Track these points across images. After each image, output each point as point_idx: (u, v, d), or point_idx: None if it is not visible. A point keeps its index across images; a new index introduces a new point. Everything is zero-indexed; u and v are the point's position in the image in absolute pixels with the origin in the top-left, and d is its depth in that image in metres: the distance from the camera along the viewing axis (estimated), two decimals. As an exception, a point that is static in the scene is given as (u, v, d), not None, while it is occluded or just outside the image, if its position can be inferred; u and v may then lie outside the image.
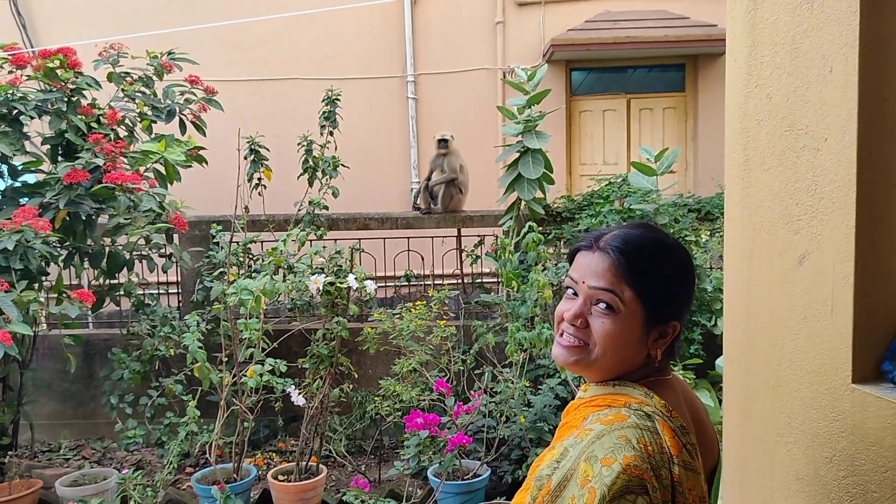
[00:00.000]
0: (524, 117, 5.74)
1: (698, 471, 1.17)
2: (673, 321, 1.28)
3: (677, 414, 1.22)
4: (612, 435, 1.13)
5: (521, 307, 4.90)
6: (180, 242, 5.66)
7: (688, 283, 1.31)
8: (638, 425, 1.15)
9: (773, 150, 1.73)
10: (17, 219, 4.07)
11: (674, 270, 1.29)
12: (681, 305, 1.30)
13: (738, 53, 1.89)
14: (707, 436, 1.35)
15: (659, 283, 1.26)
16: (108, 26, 7.86)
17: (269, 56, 8.97)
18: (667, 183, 5.88)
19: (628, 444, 1.12)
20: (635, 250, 1.26)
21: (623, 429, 1.14)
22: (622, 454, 1.10)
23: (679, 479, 1.13)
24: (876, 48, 1.42)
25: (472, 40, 9.21)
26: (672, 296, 1.28)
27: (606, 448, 1.12)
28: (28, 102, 4.65)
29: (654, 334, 1.27)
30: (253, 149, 5.54)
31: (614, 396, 1.26)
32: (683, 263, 1.30)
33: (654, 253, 1.27)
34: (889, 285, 1.48)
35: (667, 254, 1.29)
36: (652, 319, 1.26)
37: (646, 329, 1.26)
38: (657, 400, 1.22)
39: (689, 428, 1.24)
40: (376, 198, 8.39)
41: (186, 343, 4.48)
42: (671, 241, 1.31)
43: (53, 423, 5.85)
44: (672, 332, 1.29)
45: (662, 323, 1.27)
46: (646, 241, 1.28)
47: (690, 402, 1.36)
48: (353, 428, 5.45)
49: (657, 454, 1.13)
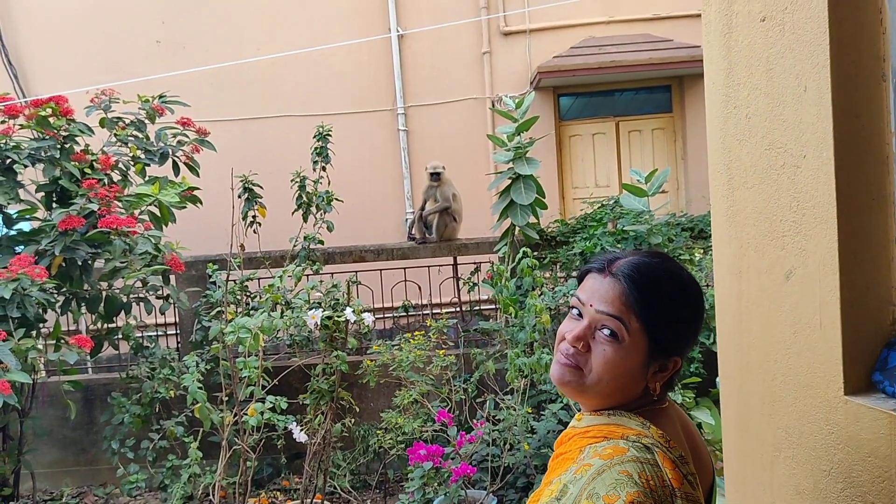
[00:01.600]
0: (514, 144, 5.80)
1: (699, 502, 1.15)
2: (675, 356, 1.25)
3: (676, 444, 1.20)
4: (612, 470, 1.10)
5: (520, 333, 4.90)
6: (177, 283, 5.67)
7: (696, 321, 1.28)
8: (638, 459, 1.12)
9: (754, 169, 1.77)
10: (13, 267, 4.08)
11: (684, 306, 1.25)
12: (685, 342, 1.27)
13: (716, 76, 1.94)
14: (702, 459, 1.34)
15: (667, 317, 1.22)
16: (99, 73, 7.95)
17: (259, 95, 9.06)
18: (658, 203, 5.92)
19: (630, 480, 1.08)
20: (648, 281, 1.22)
21: (623, 463, 1.11)
22: (625, 491, 1.07)
23: None
24: (847, 66, 1.46)
25: (460, 71, 9.32)
26: (677, 331, 1.25)
27: (608, 485, 1.08)
28: (21, 151, 4.70)
29: (654, 367, 1.24)
30: (246, 187, 5.58)
31: (610, 427, 1.23)
32: (695, 300, 1.27)
33: (667, 286, 1.24)
34: (875, 296, 1.50)
35: (679, 288, 1.25)
36: (654, 353, 1.23)
37: (646, 362, 1.23)
38: (654, 430, 1.19)
39: (688, 457, 1.21)
40: (371, 230, 8.42)
41: (186, 384, 4.48)
42: (686, 276, 1.27)
43: (55, 471, 5.80)
44: (672, 367, 1.26)
45: (664, 357, 1.24)
46: (660, 273, 1.24)
47: (686, 426, 1.34)
48: (356, 462, 5.41)
49: (659, 488, 1.10)
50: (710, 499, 1.35)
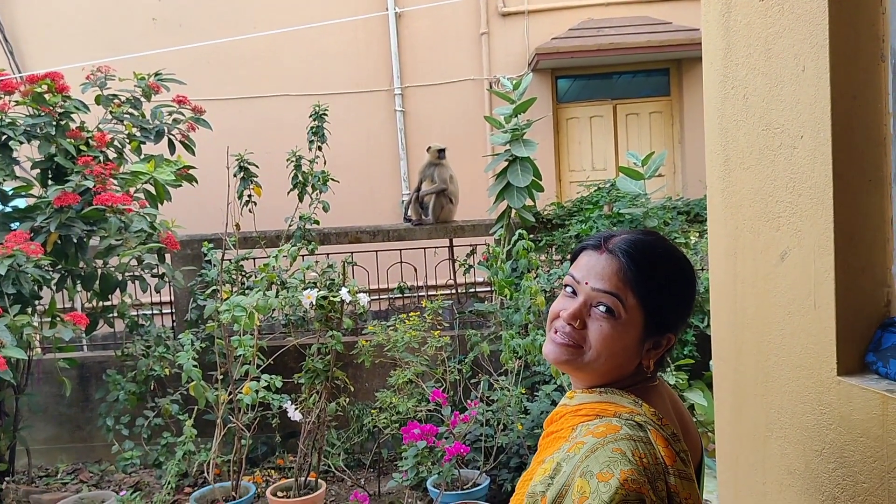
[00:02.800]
0: (511, 126, 5.78)
1: (692, 478, 1.15)
2: (670, 333, 1.27)
3: (668, 421, 1.20)
4: (606, 448, 1.11)
5: (515, 315, 4.92)
6: (172, 262, 5.66)
7: (690, 298, 1.29)
8: (631, 437, 1.13)
9: (751, 150, 1.76)
10: (8, 243, 4.07)
11: (680, 283, 1.27)
12: (680, 318, 1.29)
13: (714, 56, 1.93)
14: (691, 437, 1.34)
15: (664, 293, 1.23)
16: (95, 50, 7.88)
17: (256, 74, 9.00)
18: (655, 186, 5.92)
19: (624, 458, 1.09)
20: (645, 257, 1.23)
21: (617, 441, 1.12)
22: (619, 468, 1.07)
23: (676, 489, 1.11)
24: (846, 46, 1.46)
25: (458, 52, 9.27)
26: (673, 308, 1.26)
27: (602, 462, 1.09)
28: (17, 128, 4.66)
29: (648, 344, 1.25)
30: (242, 166, 5.56)
31: (602, 405, 1.23)
32: (689, 278, 1.28)
33: (664, 263, 1.25)
34: (869, 278, 1.51)
35: (676, 265, 1.27)
36: (650, 329, 1.24)
37: (642, 338, 1.24)
38: (647, 408, 1.20)
39: (680, 435, 1.22)
40: (367, 211, 8.41)
41: (181, 362, 4.49)
42: (680, 255, 1.29)
43: (50, 448, 5.82)
44: (666, 344, 1.27)
45: (659, 333, 1.25)
46: (657, 250, 1.25)
47: (675, 404, 1.35)
48: (351, 442, 5.44)
49: (652, 466, 1.10)
50: (699, 477, 1.36)
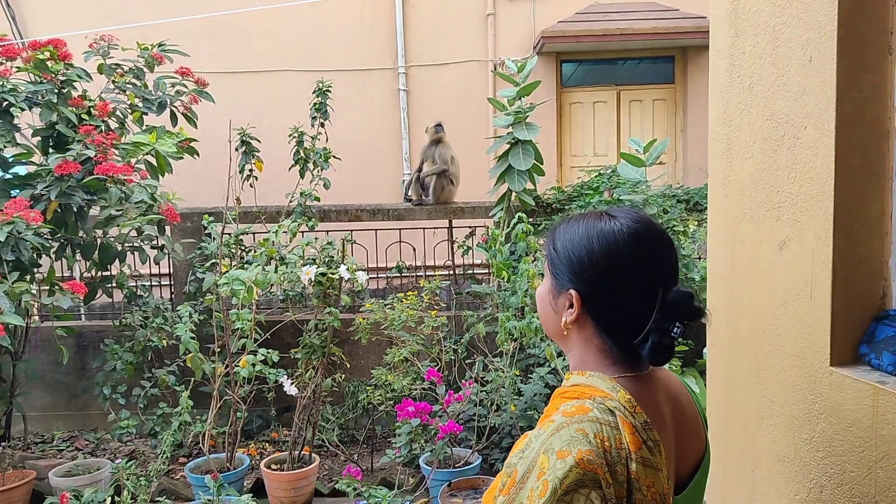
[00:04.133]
0: (514, 109, 5.76)
1: (659, 468, 1.16)
2: (570, 287, 1.26)
3: (642, 409, 1.20)
4: (570, 427, 1.12)
5: (512, 297, 4.93)
6: (172, 234, 5.66)
7: (589, 254, 1.24)
8: (598, 419, 1.14)
9: (754, 139, 1.77)
10: (8, 210, 4.06)
11: (578, 237, 1.26)
12: (576, 273, 1.26)
13: (721, 44, 1.93)
14: (690, 429, 1.34)
15: (561, 246, 1.29)
16: (99, 18, 7.83)
17: (260, 48, 8.95)
18: (656, 174, 5.92)
19: (584, 438, 1.10)
20: (564, 221, 1.33)
21: (582, 422, 1.13)
22: (577, 448, 1.09)
23: (637, 475, 1.12)
24: (854, 38, 1.46)
25: (464, 32, 9.22)
26: (570, 261, 1.26)
27: (563, 441, 1.11)
28: (18, 94, 4.64)
29: (562, 301, 1.28)
30: (244, 140, 5.54)
31: (583, 388, 1.25)
32: (595, 235, 1.25)
33: (571, 221, 1.31)
34: (866, 271, 1.52)
35: (581, 222, 1.29)
36: (556, 283, 1.30)
37: (553, 293, 1.31)
38: (622, 394, 1.20)
39: (657, 425, 1.21)
40: (368, 189, 8.40)
41: (179, 334, 4.51)
42: (607, 227, 1.25)
43: (46, 415, 5.86)
44: (572, 303, 1.26)
45: (563, 289, 1.27)
46: (571, 219, 1.32)
47: (673, 395, 1.34)
48: (345, 417, 5.48)
49: (614, 450, 1.11)
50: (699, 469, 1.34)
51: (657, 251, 1.25)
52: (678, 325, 1.19)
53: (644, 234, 1.24)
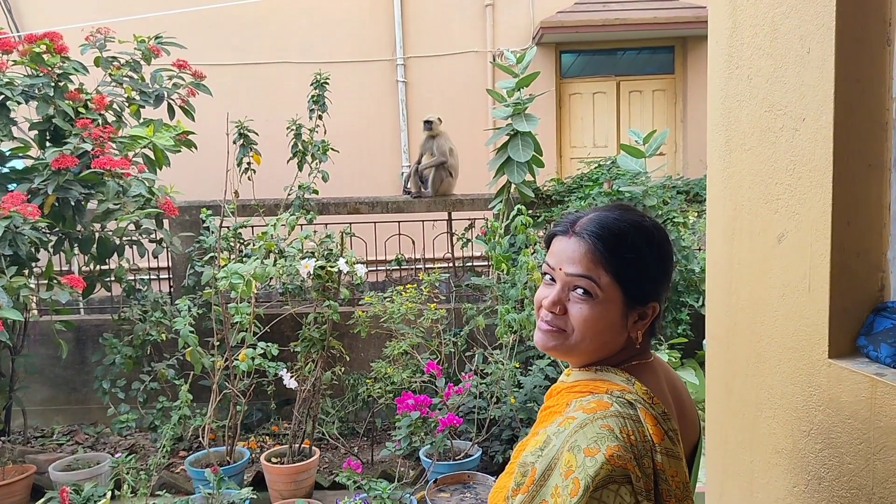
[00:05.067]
0: (513, 100, 5.75)
1: (680, 457, 1.17)
2: (652, 302, 1.27)
3: (659, 400, 1.21)
4: (594, 424, 1.13)
5: (511, 290, 4.93)
6: (170, 227, 5.65)
7: (665, 264, 1.29)
8: (620, 414, 1.15)
9: (753, 131, 1.76)
10: (5, 205, 4.05)
11: (650, 252, 1.26)
12: (658, 286, 1.28)
13: (720, 35, 1.91)
14: (687, 415, 1.36)
15: (636, 265, 1.23)
16: (95, 10, 7.78)
17: (257, 40, 8.91)
18: (656, 165, 5.91)
19: (611, 434, 1.11)
20: (611, 234, 1.24)
21: (606, 418, 1.14)
22: (605, 444, 1.10)
23: (662, 466, 1.13)
24: (852, 29, 1.45)
25: (462, 23, 9.18)
26: (649, 277, 1.26)
27: (590, 438, 1.11)
28: (15, 88, 4.62)
29: (633, 316, 1.26)
30: (242, 133, 5.53)
31: (596, 382, 1.25)
32: (660, 244, 1.28)
33: (631, 235, 1.25)
34: (865, 263, 1.51)
35: (643, 235, 1.26)
36: (630, 302, 1.24)
37: (625, 312, 1.25)
38: (639, 386, 1.22)
39: (671, 413, 1.23)
40: (367, 182, 8.39)
41: (177, 328, 4.51)
42: (648, 223, 1.28)
43: (46, 409, 5.86)
44: (652, 313, 1.27)
45: (641, 305, 1.26)
46: (622, 224, 1.25)
47: (672, 382, 1.36)
48: (345, 410, 5.49)
49: (640, 443, 1.12)
50: (695, 455, 1.37)
51: None
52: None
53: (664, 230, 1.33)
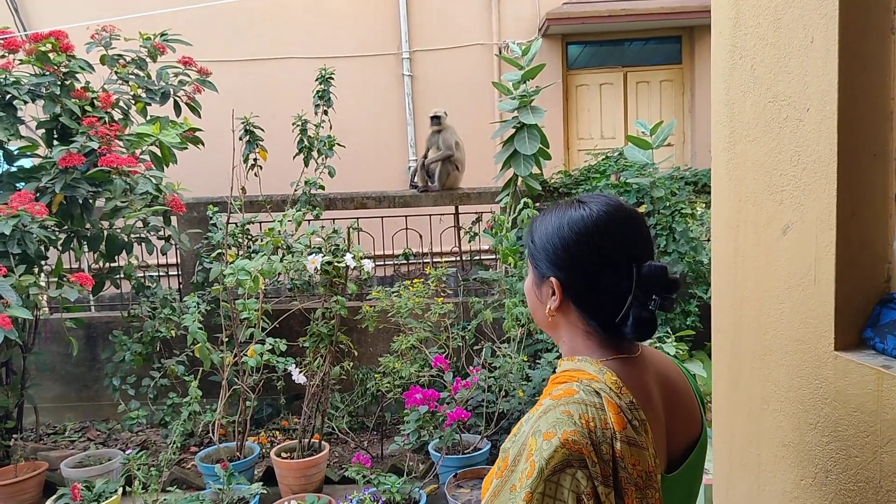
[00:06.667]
0: (519, 93, 5.73)
1: (644, 446, 1.18)
2: (549, 276, 1.29)
3: (628, 390, 1.22)
4: (556, 410, 1.16)
5: (519, 283, 4.92)
6: (178, 224, 5.67)
7: (563, 241, 1.27)
8: (584, 401, 1.17)
9: (757, 121, 1.74)
10: (13, 203, 4.08)
11: (552, 227, 1.29)
12: (553, 262, 1.29)
13: (723, 25, 1.90)
14: (683, 410, 1.35)
15: (537, 239, 1.32)
16: (101, 8, 7.80)
17: (263, 35, 8.91)
18: (664, 156, 5.88)
19: (570, 420, 1.14)
20: (539, 214, 1.36)
21: (568, 404, 1.16)
22: (562, 429, 1.12)
23: (621, 454, 1.14)
24: (855, 18, 1.43)
25: (468, 16, 9.14)
26: (543, 251, 1.30)
27: (550, 423, 1.14)
28: (21, 87, 4.64)
29: (545, 290, 1.32)
30: (248, 129, 5.53)
31: (572, 372, 1.27)
32: (566, 223, 1.28)
33: (544, 213, 1.34)
34: (870, 254, 1.50)
35: (553, 213, 1.32)
36: (537, 274, 1.33)
37: (536, 284, 1.34)
38: (609, 376, 1.23)
39: (645, 405, 1.23)
40: (374, 176, 8.38)
41: (187, 324, 4.52)
42: (576, 214, 1.28)
43: (58, 406, 5.91)
44: (554, 291, 1.29)
45: (544, 278, 1.31)
46: (550, 208, 1.35)
47: (665, 378, 1.35)
48: (354, 405, 5.50)
49: (599, 430, 1.14)
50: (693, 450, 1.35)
51: (626, 229, 1.27)
52: (654, 297, 1.23)
53: (613, 214, 1.27)
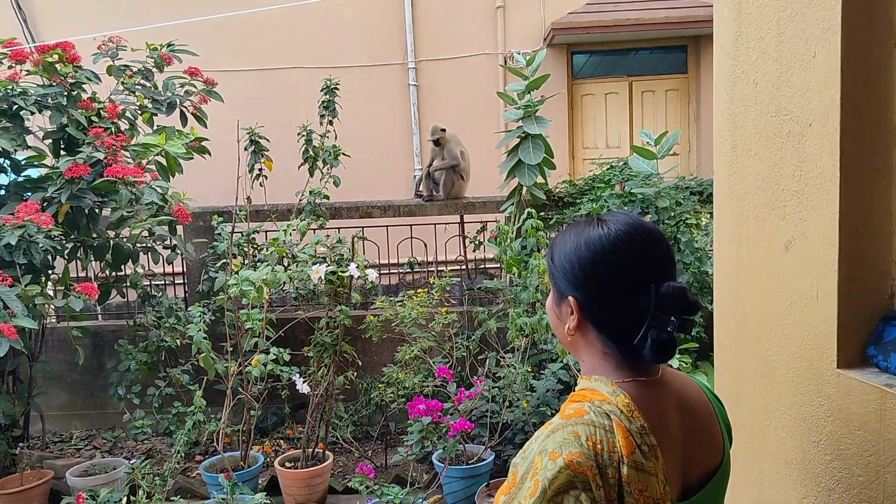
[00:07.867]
0: (524, 103, 5.72)
1: (653, 473, 1.15)
2: (568, 295, 1.28)
3: (640, 414, 1.19)
4: (565, 430, 1.15)
5: (523, 293, 4.91)
6: (184, 234, 5.69)
7: (580, 261, 1.26)
8: (593, 423, 1.16)
9: (759, 136, 1.74)
10: (19, 214, 4.09)
11: (570, 246, 1.29)
12: (569, 283, 1.28)
13: (725, 38, 1.89)
14: (702, 437, 1.31)
15: (555, 262, 1.32)
16: (108, 20, 7.86)
17: (268, 46, 8.95)
18: (668, 165, 5.86)
19: (576, 441, 1.12)
20: (557, 236, 1.36)
21: (577, 425, 1.15)
22: (567, 450, 1.11)
23: (627, 479, 1.12)
24: (858, 32, 1.43)
25: (473, 26, 9.17)
26: (561, 272, 1.30)
27: (557, 442, 1.13)
28: (28, 97, 4.66)
29: (564, 309, 1.30)
30: (253, 139, 5.55)
31: (587, 392, 1.26)
32: (584, 242, 1.27)
33: (565, 236, 1.33)
34: (873, 271, 1.49)
35: (568, 237, 1.31)
36: (557, 293, 1.33)
37: (556, 303, 1.34)
38: (621, 398, 1.21)
39: (658, 430, 1.20)
40: (379, 186, 8.39)
41: (191, 333, 4.53)
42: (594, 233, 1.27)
43: (64, 414, 5.92)
44: (573, 310, 1.28)
45: (563, 297, 1.30)
46: (567, 228, 1.35)
47: (686, 404, 1.30)
48: (358, 415, 5.49)
49: (606, 453, 1.13)
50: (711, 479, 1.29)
51: (645, 249, 1.25)
52: (674, 319, 1.19)
53: (631, 233, 1.25)
